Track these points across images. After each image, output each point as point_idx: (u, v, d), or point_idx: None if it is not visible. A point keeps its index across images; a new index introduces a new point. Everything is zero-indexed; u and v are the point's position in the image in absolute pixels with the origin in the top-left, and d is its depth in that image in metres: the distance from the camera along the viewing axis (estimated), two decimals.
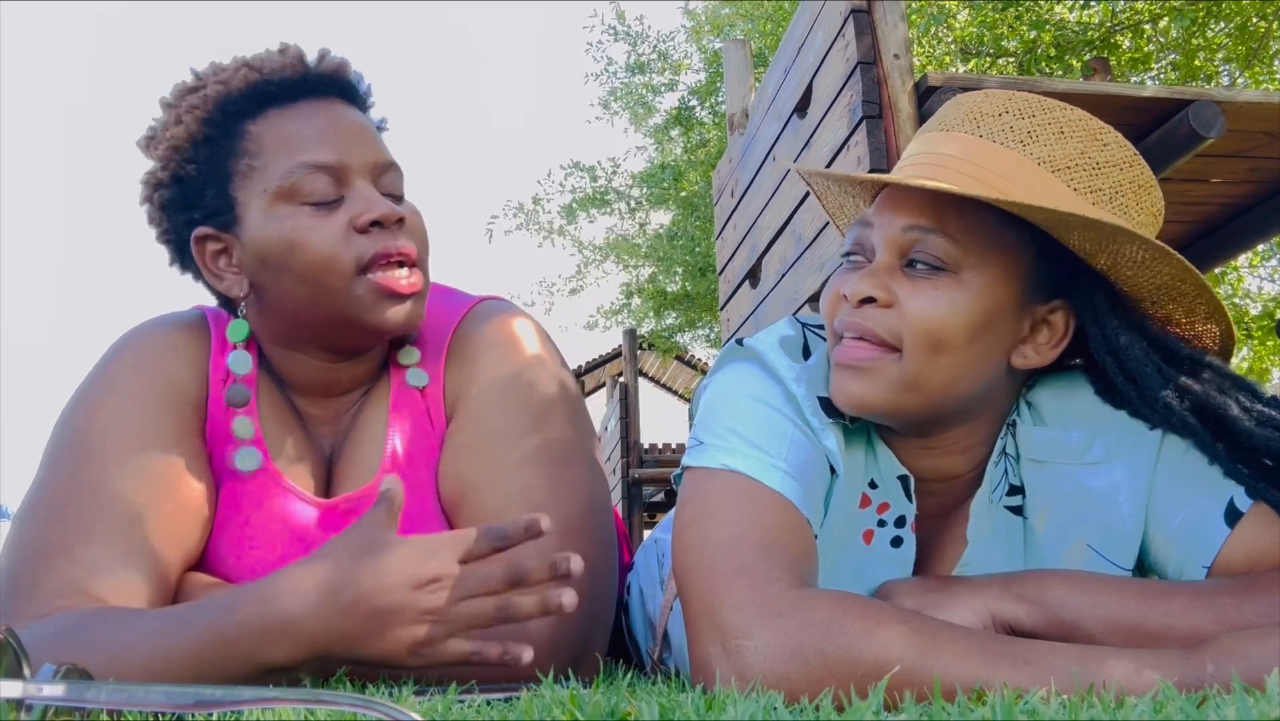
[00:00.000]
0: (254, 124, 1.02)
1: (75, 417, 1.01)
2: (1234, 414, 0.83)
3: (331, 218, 1.00)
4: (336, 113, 1.05)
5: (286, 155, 1.00)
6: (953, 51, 6.68)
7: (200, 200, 1.02)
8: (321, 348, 1.06)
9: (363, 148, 1.03)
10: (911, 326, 0.84)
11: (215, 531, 1.03)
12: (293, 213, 0.99)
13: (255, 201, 1.00)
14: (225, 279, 1.04)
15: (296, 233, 0.99)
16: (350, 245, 0.99)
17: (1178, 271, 0.85)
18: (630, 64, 8.75)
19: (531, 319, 1.16)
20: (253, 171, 1.01)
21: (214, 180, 1.02)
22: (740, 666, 0.72)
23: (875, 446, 0.95)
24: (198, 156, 1.02)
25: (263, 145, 1.01)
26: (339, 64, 1.07)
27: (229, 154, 1.02)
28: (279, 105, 1.03)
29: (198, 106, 1.02)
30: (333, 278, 0.99)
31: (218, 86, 1.02)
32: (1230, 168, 2.50)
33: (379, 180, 1.04)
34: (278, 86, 1.03)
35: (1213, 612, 0.77)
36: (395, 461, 1.06)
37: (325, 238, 0.99)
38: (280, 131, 1.01)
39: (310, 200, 0.99)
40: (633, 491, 6.43)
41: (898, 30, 2.07)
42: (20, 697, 0.54)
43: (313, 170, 0.99)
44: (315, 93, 1.05)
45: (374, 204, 1.01)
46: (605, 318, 9.53)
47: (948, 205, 0.85)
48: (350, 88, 1.08)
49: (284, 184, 0.99)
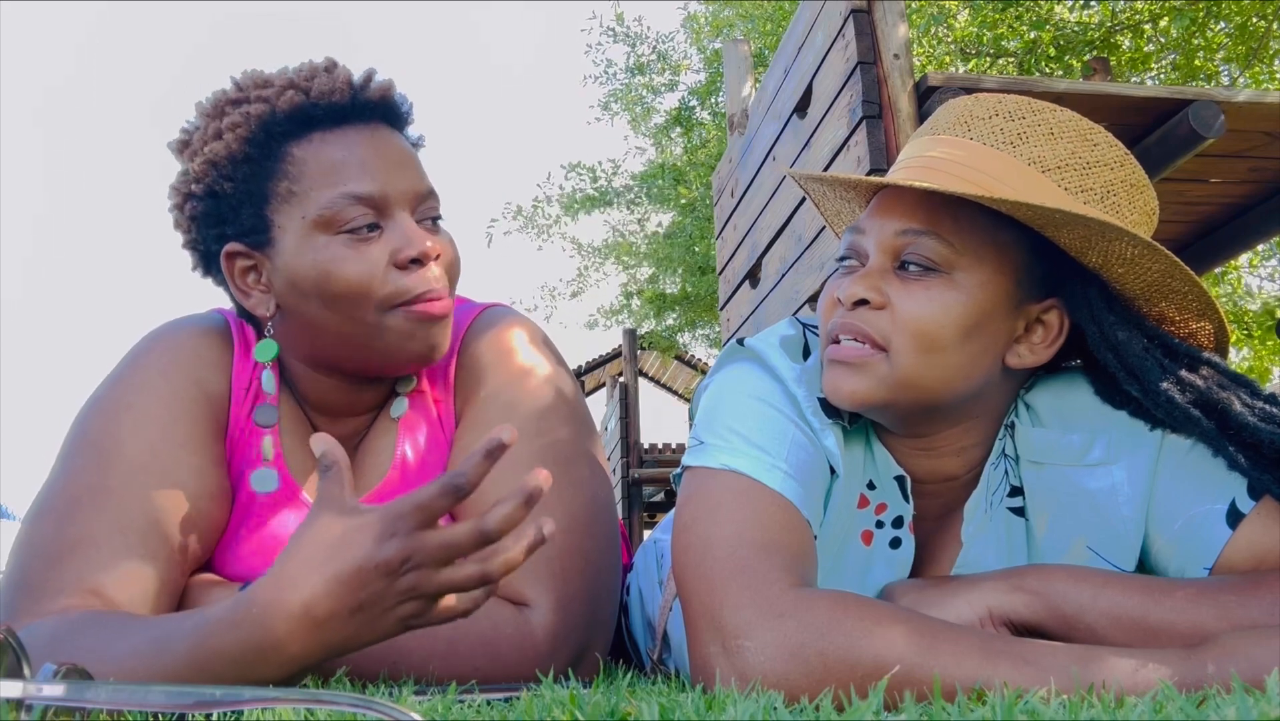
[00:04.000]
0: (297, 147, 1.00)
1: (99, 417, 1.00)
2: (1237, 409, 0.83)
3: (369, 249, 0.98)
4: (381, 140, 1.03)
5: (329, 184, 0.98)
6: (953, 51, 6.69)
7: (235, 217, 1.01)
8: (344, 371, 1.06)
9: (405, 178, 1.02)
10: (904, 327, 0.85)
11: (228, 536, 1.03)
12: (329, 242, 0.98)
13: (292, 226, 0.99)
14: (253, 296, 1.03)
15: (334, 263, 0.97)
16: (387, 280, 0.98)
17: (1168, 267, 0.85)
18: (629, 65, 8.76)
19: (533, 324, 1.17)
20: (292, 196, 0.99)
21: (251, 200, 1.00)
22: (740, 666, 0.72)
23: (873, 447, 0.95)
24: (236, 175, 1.00)
25: (305, 170, 0.99)
26: (385, 87, 1.05)
27: (269, 175, 1.00)
28: (324, 129, 1.01)
29: (240, 124, 1.00)
30: (365, 311, 0.99)
31: (261, 105, 1.00)
32: (1230, 168, 2.50)
33: (419, 208, 1.03)
34: (324, 111, 1.01)
35: (1216, 609, 0.76)
36: (405, 465, 1.07)
37: (361, 270, 0.98)
38: (324, 158, 0.99)
39: (348, 229, 0.98)
40: (633, 491, 6.43)
41: (898, 30, 2.07)
42: (20, 697, 0.54)
43: (354, 201, 0.98)
44: (361, 117, 1.03)
45: (414, 239, 1.00)
46: (605, 318, 9.54)
47: (939, 207, 0.86)
48: (395, 111, 1.06)
49: (325, 213, 0.98)
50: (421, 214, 1.03)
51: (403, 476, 1.06)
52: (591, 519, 1.04)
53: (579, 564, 1.01)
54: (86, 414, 1.02)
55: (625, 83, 8.83)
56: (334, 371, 1.06)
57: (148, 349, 1.06)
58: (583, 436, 1.10)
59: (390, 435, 1.09)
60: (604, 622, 1.04)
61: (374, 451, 1.09)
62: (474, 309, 1.16)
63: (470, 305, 1.18)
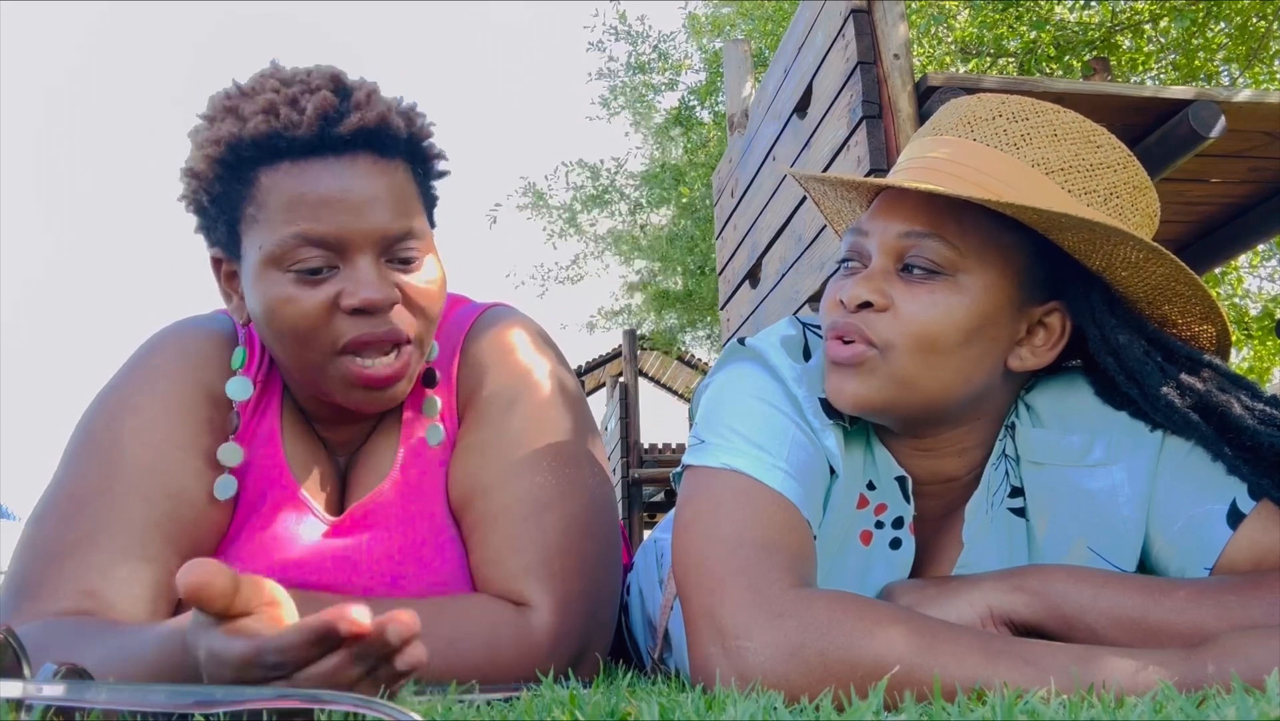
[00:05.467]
0: (266, 174, 0.95)
1: (103, 418, 1.00)
2: (1236, 412, 0.83)
3: (316, 291, 0.94)
4: (353, 175, 0.95)
5: (284, 220, 0.94)
6: (953, 51, 6.68)
7: (214, 227, 1.01)
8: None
9: (370, 219, 0.95)
10: (907, 330, 0.84)
11: (229, 537, 1.03)
12: (278, 279, 0.95)
13: (252, 252, 0.97)
14: (233, 300, 1.04)
15: (278, 301, 0.95)
16: (330, 324, 0.95)
17: (1172, 271, 0.85)
18: (630, 63, 8.75)
19: (534, 324, 1.17)
20: (255, 223, 0.96)
21: (225, 217, 0.99)
22: (740, 666, 0.72)
23: (874, 447, 0.95)
24: (212, 190, 0.98)
25: (268, 200, 0.95)
26: (367, 120, 0.96)
27: (239, 198, 0.97)
28: (292, 159, 0.95)
29: (213, 143, 0.97)
30: (309, 352, 0.96)
31: (235, 125, 0.96)
32: (1230, 168, 2.50)
33: (391, 249, 0.97)
34: (288, 143, 0.95)
35: (1217, 609, 0.76)
36: (406, 465, 1.07)
37: (303, 312, 0.94)
38: (285, 192, 0.94)
39: (297, 269, 0.94)
40: (633, 491, 6.43)
41: (898, 30, 2.07)
42: (20, 697, 0.53)
43: (305, 243, 0.93)
44: (334, 150, 0.96)
45: (364, 286, 0.94)
46: (605, 318, 9.53)
47: (942, 209, 0.86)
48: (386, 142, 0.98)
49: (275, 250, 0.94)
50: (392, 254, 0.98)
51: (404, 479, 1.06)
52: (591, 519, 1.05)
53: (579, 564, 1.01)
54: (91, 415, 1.02)
55: (626, 80, 8.83)
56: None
57: (152, 350, 1.06)
58: (583, 437, 1.10)
59: (393, 435, 1.08)
60: (604, 622, 1.04)
61: (376, 454, 1.08)
62: (476, 309, 1.16)
63: (472, 306, 1.18)
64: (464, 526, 1.05)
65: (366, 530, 1.04)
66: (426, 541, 1.04)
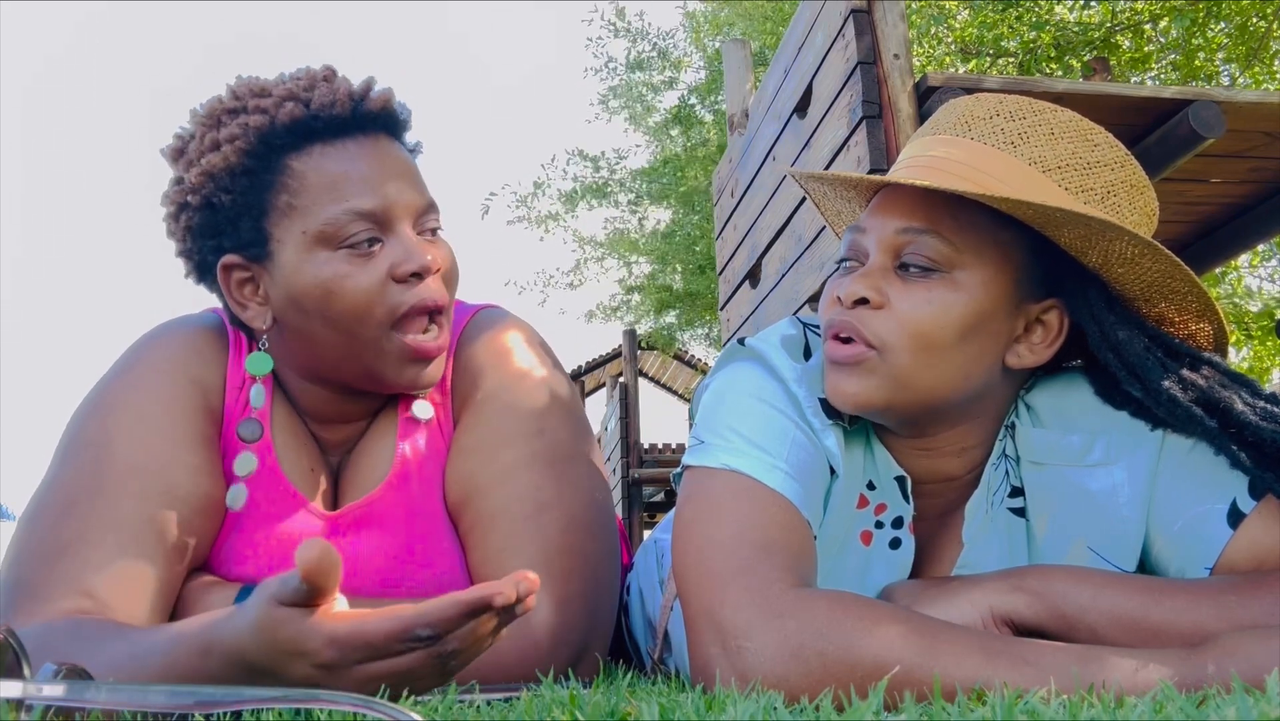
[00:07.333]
0: (296, 160, 0.98)
1: (95, 416, 1.00)
2: (1238, 408, 0.83)
3: (370, 265, 0.98)
4: (383, 152, 1.02)
5: (331, 199, 0.97)
6: (953, 51, 6.68)
7: (233, 229, 1.00)
8: (339, 384, 1.06)
9: (406, 191, 1.01)
10: (903, 328, 0.85)
11: (225, 535, 1.03)
12: (330, 257, 0.97)
13: (291, 239, 0.98)
14: (249, 309, 1.02)
15: (335, 280, 0.97)
16: (386, 295, 0.98)
17: (1168, 267, 0.85)
18: (629, 61, 8.74)
19: (528, 325, 1.17)
20: (292, 209, 0.98)
21: (249, 212, 0.99)
22: (740, 666, 0.72)
23: (873, 447, 0.95)
24: (235, 187, 0.98)
25: (305, 184, 0.98)
26: (385, 97, 1.03)
27: (268, 188, 0.98)
28: (324, 141, 0.99)
29: (238, 136, 0.98)
30: (366, 328, 0.98)
31: (260, 116, 0.98)
32: (1230, 168, 2.49)
33: (419, 220, 1.02)
34: (324, 123, 0.99)
35: (1217, 609, 0.76)
36: (404, 467, 1.06)
37: (361, 286, 0.97)
38: (325, 171, 0.98)
39: (349, 244, 0.97)
40: (633, 491, 6.43)
41: (898, 30, 2.07)
42: (20, 697, 0.54)
43: (357, 217, 0.97)
44: (361, 129, 1.01)
45: (414, 254, 0.99)
46: (605, 314, 9.52)
47: (940, 206, 0.86)
48: (395, 121, 1.05)
49: (326, 229, 0.97)
50: (421, 225, 1.03)
51: (401, 480, 1.06)
52: (591, 519, 1.05)
53: (579, 564, 1.01)
54: (82, 413, 1.02)
55: (624, 78, 8.81)
56: (327, 383, 1.06)
57: (144, 348, 1.06)
58: (580, 437, 1.10)
59: (389, 438, 1.08)
60: (604, 622, 1.04)
61: (372, 454, 1.08)
62: (468, 310, 1.16)
63: (464, 306, 1.17)
64: (462, 526, 1.05)
65: (364, 530, 1.04)
66: (424, 541, 1.04)
